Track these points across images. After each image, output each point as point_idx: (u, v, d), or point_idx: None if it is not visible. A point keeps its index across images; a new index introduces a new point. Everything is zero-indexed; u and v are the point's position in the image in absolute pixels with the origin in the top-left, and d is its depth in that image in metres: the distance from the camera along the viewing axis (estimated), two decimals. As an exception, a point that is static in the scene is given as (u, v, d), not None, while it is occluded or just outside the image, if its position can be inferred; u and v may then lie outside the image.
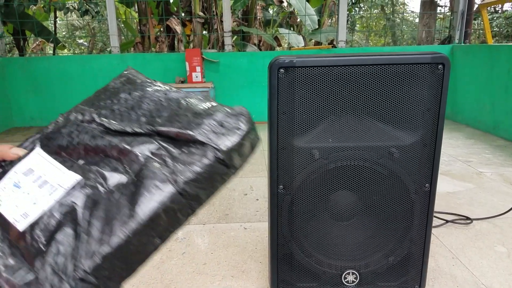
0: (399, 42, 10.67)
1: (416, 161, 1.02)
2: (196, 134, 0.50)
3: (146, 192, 0.45)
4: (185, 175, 0.47)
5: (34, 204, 0.48)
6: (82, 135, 0.54)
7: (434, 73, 0.97)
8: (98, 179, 0.49)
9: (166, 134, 0.51)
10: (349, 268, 1.11)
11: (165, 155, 0.49)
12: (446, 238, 1.58)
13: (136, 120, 0.55)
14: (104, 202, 0.46)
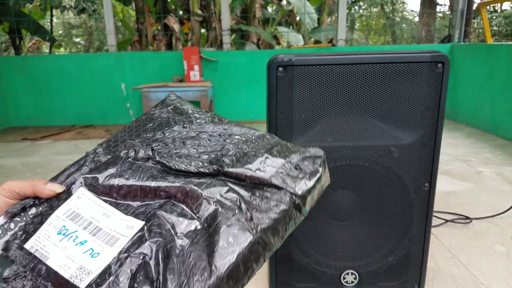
0: (398, 41, 10.66)
1: (416, 160, 1.01)
2: (271, 177, 0.46)
3: (224, 241, 0.41)
4: (263, 222, 0.43)
5: (91, 256, 0.41)
6: (138, 175, 0.48)
7: (434, 72, 0.96)
8: (165, 226, 0.43)
9: (235, 176, 0.46)
10: (348, 268, 1.10)
11: (238, 199, 0.44)
12: (445, 237, 1.58)
13: (197, 157, 0.49)
14: (176, 253, 0.40)
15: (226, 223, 0.42)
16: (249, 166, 0.47)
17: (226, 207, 0.43)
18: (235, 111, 4.27)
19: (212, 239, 0.41)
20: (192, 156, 0.50)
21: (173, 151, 0.51)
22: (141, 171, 0.48)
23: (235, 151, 0.50)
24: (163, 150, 0.51)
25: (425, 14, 5.84)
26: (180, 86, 3.76)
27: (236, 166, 0.47)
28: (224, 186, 0.45)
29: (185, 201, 0.45)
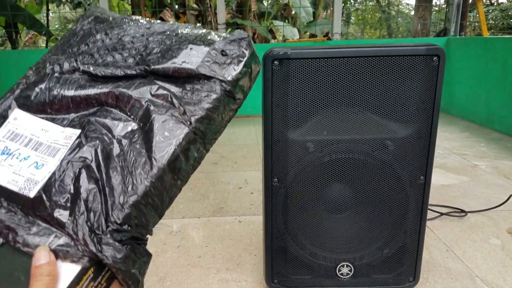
0: (394, 34, 10.65)
1: (411, 153, 1.02)
2: (198, 68, 0.46)
3: (160, 136, 0.42)
4: (197, 114, 0.44)
5: (36, 168, 0.43)
6: (66, 87, 0.48)
7: (429, 65, 0.97)
8: (101, 130, 0.44)
9: (162, 72, 0.47)
10: (344, 260, 1.11)
11: (169, 95, 0.45)
12: (440, 230, 1.59)
13: (124, 62, 0.49)
14: (117, 153, 0.43)
15: (160, 119, 0.43)
16: (175, 60, 0.47)
17: (158, 104, 0.44)
18: (231, 105, 4.25)
19: (148, 136, 0.43)
20: (118, 61, 0.50)
21: (99, 60, 0.50)
22: (69, 83, 0.48)
23: (159, 48, 0.50)
24: (89, 60, 0.51)
25: (421, 8, 5.83)
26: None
27: (162, 62, 0.47)
28: (154, 85, 0.46)
29: (118, 105, 0.46)
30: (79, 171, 0.42)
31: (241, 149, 2.93)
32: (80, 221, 0.39)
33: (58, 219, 0.39)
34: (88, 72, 0.49)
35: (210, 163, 2.52)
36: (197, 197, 1.98)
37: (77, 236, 0.38)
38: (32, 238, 0.39)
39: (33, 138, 0.46)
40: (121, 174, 0.41)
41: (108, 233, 0.39)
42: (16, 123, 0.47)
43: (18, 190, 0.42)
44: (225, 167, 2.48)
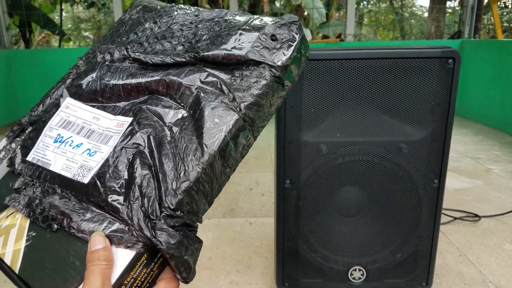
0: (407, 36, 10.57)
1: (425, 156, 1.00)
2: (248, 53, 0.45)
3: (210, 123, 0.42)
4: (246, 100, 0.44)
5: (89, 155, 0.44)
6: (117, 75, 0.49)
7: (444, 68, 0.95)
8: (152, 118, 0.45)
9: (212, 59, 0.46)
10: (356, 264, 1.10)
11: (218, 82, 0.45)
12: (453, 235, 1.56)
13: (173, 50, 0.49)
14: (168, 140, 0.43)
15: (210, 106, 0.43)
16: (225, 46, 0.46)
17: (207, 91, 0.44)
18: (242, 106, 4.27)
19: (199, 123, 0.43)
20: (168, 49, 0.50)
21: (148, 48, 0.51)
22: (120, 71, 0.49)
23: (208, 34, 0.49)
24: (138, 49, 0.51)
25: (434, 10, 5.77)
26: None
27: (212, 49, 0.47)
28: (203, 72, 0.46)
29: (168, 93, 0.46)
30: (132, 157, 0.42)
31: (252, 150, 2.93)
32: (134, 207, 0.39)
33: (112, 204, 0.40)
34: (139, 60, 0.49)
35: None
36: (208, 198, 1.99)
37: (132, 221, 0.39)
38: (86, 224, 0.40)
39: (85, 126, 0.47)
40: (173, 160, 0.41)
41: (162, 218, 0.39)
42: (68, 111, 0.48)
43: (72, 177, 0.43)
44: (236, 168, 2.48)
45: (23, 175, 0.45)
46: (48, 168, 0.44)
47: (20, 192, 0.44)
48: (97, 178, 0.41)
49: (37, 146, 0.46)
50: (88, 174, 0.42)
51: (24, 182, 0.45)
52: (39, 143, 0.47)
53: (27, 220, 0.42)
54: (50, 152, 0.46)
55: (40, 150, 0.46)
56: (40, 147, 0.46)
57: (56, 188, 0.43)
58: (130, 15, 0.57)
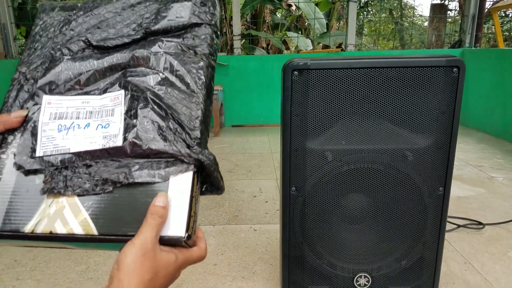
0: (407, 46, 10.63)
1: (430, 164, 1.02)
2: (190, 19, 0.56)
3: (189, 74, 0.53)
4: (205, 51, 0.55)
5: (104, 128, 0.50)
6: (86, 63, 0.54)
7: (449, 77, 0.97)
8: (141, 85, 0.52)
9: (162, 30, 0.56)
10: (361, 271, 1.10)
11: (177, 44, 0.55)
12: (458, 242, 1.57)
13: (123, 32, 0.57)
14: (165, 96, 0.51)
15: (182, 63, 0.54)
16: (169, 18, 0.56)
17: (172, 53, 0.54)
18: (244, 114, 4.29)
19: (180, 77, 0.53)
20: (119, 33, 0.57)
21: (99, 36, 0.57)
22: (87, 59, 0.55)
23: (149, 13, 0.58)
24: (92, 37, 0.56)
25: (435, 19, 5.82)
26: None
27: (159, 22, 0.56)
28: (160, 41, 0.55)
29: (140, 64, 0.54)
30: (149, 113, 0.50)
31: (255, 157, 2.94)
32: (176, 143, 0.48)
33: (156, 149, 0.47)
34: (100, 46, 0.55)
35: (225, 171, 2.54)
36: (212, 205, 1.99)
37: (180, 152, 0.47)
38: (139, 173, 0.47)
39: (80, 111, 0.51)
40: (179, 107, 0.50)
41: (196, 145, 0.49)
42: (52, 106, 0.52)
43: (102, 147, 0.48)
44: (240, 176, 2.49)
45: (43, 169, 0.48)
46: (70, 151, 0.49)
47: (50, 181, 0.48)
48: (129, 138, 0.48)
49: (41, 142, 0.50)
50: (117, 138, 0.49)
51: (49, 172, 0.48)
52: (40, 139, 0.50)
53: (74, 197, 0.47)
54: (61, 140, 0.49)
55: (46, 143, 0.50)
56: (45, 141, 0.50)
57: (88, 162, 0.48)
58: (49, 18, 0.60)
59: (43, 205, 0.47)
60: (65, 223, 0.46)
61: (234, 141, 3.58)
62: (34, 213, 0.47)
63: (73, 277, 1.39)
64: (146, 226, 0.44)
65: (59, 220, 0.46)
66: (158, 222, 0.44)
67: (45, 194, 0.47)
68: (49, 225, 0.46)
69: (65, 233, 0.46)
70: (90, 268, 1.44)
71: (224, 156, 2.99)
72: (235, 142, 3.51)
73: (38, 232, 0.46)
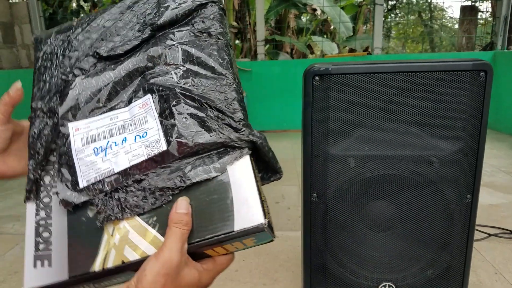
0: (437, 48, 10.38)
1: (457, 171, 0.98)
2: (194, 2, 0.53)
3: (211, 58, 0.50)
4: (218, 29, 0.52)
5: (142, 137, 0.47)
6: (102, 77, 0.51)
7: (476, 81, 0.94)
8: (165, 84, 0.49)
9: (168, 22, 0.53)
10: (385, 280, 1.07)
11: (187, 31, 0.52)
12: (488, 252, 1.51)
13: (130, 35, 0.53)
14: (193, 87, 0.49)
15: (200, 49, 0.51)
16: (172, 8, 0.53)
17: (187, 42, 0.51)
18: (267, 119, 4.29)
19: (202, 64, 0.50)
20: (126, 37, 0.53)
21: (106, 47, 0.53)
22: (102, 73, 0.51)
23: (150, 9, 0.54)
24: (100, 50, 0.53)
25: (465, 21, 5.66)
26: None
27: (163, 15, 0.52)
28: (170, 33, 0.52)
29: (156, 63, 0.51)
30: (184, 109, 0.47)
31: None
32: (224, 130, 0.46)
33: (203, 143, 0.45)
34: (110, 56, 0.52)
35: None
36: (235, 211, 1.99)
37: (230, 138, 0.45)
38: (194, 172, 0.44)
39: (112, 128, 0.49)
40: (212, 93, 0.48)
41: (243, 127, 0.46)
42: (81, 131, 0.49)
43: (147, 157, 0.46)
44: (263, 182, 2.48)
45: (92, 198, 0.45)
46: (115, 172, 0.46)
47: (104, 210, 0.45)
48: (172, 139, 0.45)
49: (81, 171, 0.47)
50: (160, 143, 0.46)
51: (100, 200, 0.45)
52: (79, 168, 0.47)
53: (135, 217, 0.44)
54: (101, 163, 0.46)
55: (87, 171, 0.46)
56: (85, 170, 0.47)
57: (138, 177, 0.45)
58: (48, 47, 0.56)
59: (105, 237, 0.44)
60: (135, 248, 0.43)
61: (258, 146, 3.57)
62: (98, 248, 0.44)
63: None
64: (170, 238, 0.41)
65: (127, 247, 0.43)
66: (184, 231, 0.41)
67: (103, 224, 0.44)
68: (119, 255, 0.43)
69: (138, 258, 0.43)
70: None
71: (248, 161, 2.99)
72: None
73: (110, 266, 0.43)
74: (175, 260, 0.40)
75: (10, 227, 2.17)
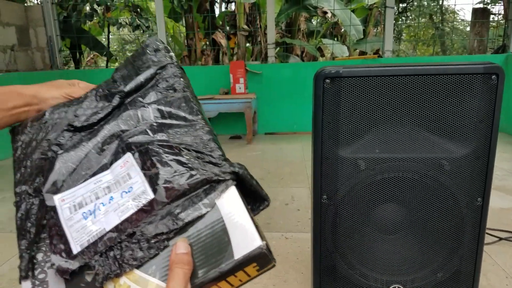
0: (448, 51, 10.29)
1: (468, 174, 0.98)
2: (154, 67, 0.59)
3: (181, 109, 0.55)
4: (182, 85, 0.58)
5: (128, 192, 0.49)
6: (80, 148, 0.54)
7: (487, 84, 0.94)
8: (143, 141, 0.52)
9: (135, 87, 0.58)
10: (395, 282, 1.08)
11: (155, 93, 0.57)
12: (499, 256, 1.50)
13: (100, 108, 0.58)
14: (169, 138, 0.52)
15: (169, 105, 0.56)
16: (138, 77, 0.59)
17: (156, 101, 0.56)
18: (277, 122, 4.30)
19: (174, 117, 0.55)
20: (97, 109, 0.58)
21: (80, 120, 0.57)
22: (80, 144, 0.55)
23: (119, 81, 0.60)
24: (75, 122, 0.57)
25: (477, 24, 5.61)
26: (225, 98, 3.85)
27: (130, 83, 0.58)
28: (139, 97, 0.57)
29: (131, 125, 0.55)
30: (165, 157, 0.49)
31: (288, 165, 2.94)
32: (205, 167, 0.48)
33: (189, 183, 0.47)
34: (86, 126, 0.56)
35: (257, 179, 2.55)
36: (244, 213, 2.00)
37: (214, 173, 0.48)
38: (185, 213, 0.46)
39: (97, 191, 0.50)
40: (188, 139, 0.52)
41: (224, 161, 0.50)
42: (67, 201, 0.50)
43: (137, 209, 0.47)
44: (272, 183, 2.49)
45: (88, 261, 0.46)
46: (107, 231, 0.46)
47: (102, 270, 0.45)
48: (158, 186, 0.47)
49: (72, 238, 0.47)
50: (147, 193, 0.48)
51: (97, 262, 0.45)
52: (71, 235, 0.48)
53: (133, 271, 0.44)
54: (92, 225, 0.47)
55: (78, 236, 0.47)
56: (76, 236, 0.47)
57: (130, 230, 0.46)
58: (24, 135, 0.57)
59: None
60: None
61: (267, 148, 3.59)
62: None
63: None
64: (173, 280, 0.41)
65: None
66: (186, 270, 0.41)
67: (102, 284, 0.44)
68: None
69: None
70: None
71: (256, 164, 3.00)
72: (268, 150, 3.52)
73: None
74: None
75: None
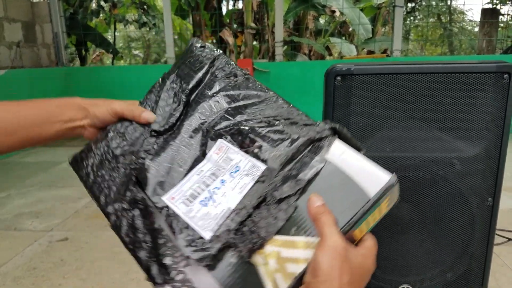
0: (456, 51, 10.22)
1: (479, 173, 0.98)
2: (207, 59, 0.62)
3: (249, 89, 0.59)
4: (239, 69, 0.62)
5: (237, 172, 0.49)
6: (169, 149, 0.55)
7: (499, 83, 0.93)
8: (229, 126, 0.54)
9: (195, 85, 0.61)
10: (404, 283, 1.07)
11: (217, 83, 0.60)
12: (508, 256, 1.49)
13: (167, 110, 0.61)
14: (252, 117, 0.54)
15: (236, 89, 0.58)
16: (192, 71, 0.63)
17: (222, 89, 0.59)
18: (285, 121, 4.29)
19: (246, 97, 0.58)
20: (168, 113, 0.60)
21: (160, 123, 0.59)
22: (166, 146, 0.56)
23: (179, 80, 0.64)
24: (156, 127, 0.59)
25: (486, 24, 5.57)
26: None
27: (191, 81, 0.62)
28: (205, 90, 0.60)
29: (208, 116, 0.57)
30: (260, 131, 0.51)
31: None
32: (303, 131, 0.50)
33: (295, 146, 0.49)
34: (167, 129, 0.58)
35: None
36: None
37: (314, 132, 0.49)
38: (304, 173, 0.47)
39: (204, 180, 0.51)
40: (270, 111, 0.54)
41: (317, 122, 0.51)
42: (177, 198, 0.51)
43: (254, 182, 0.48)
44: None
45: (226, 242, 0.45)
46: (232, 209, 0.46)
47: (243, 245, 0.44)
48: (266, 157, 0.49)
49: (199, 227, 0.47)
50: (257, 166, 0.49)
51: (234, 239, 0.45)
52: (196, 225, 0.47)
53: (274, 238, 0.44)
54: (214, 209, 0.47)
55: (205, 223, 0.47)
56: (201, 223, 0.47)
57: (255, 201, 0.46)
58: (93, 158, 0.59)
59: (261, 269, 0.43)
60: (296, 260, 0.42)
61: (275, 147, 3.57)
62: (263, 284, 0.42)
63: (117, 277, 1.45)
64: (324, 226, 0.41)
65: (288, 264, 0.42)
66: (333, 217, 0.42)
67: (249, 259, 0.43)
68: (286, 275, 0.42)
69: (305, 266, 0.42)
70: (132, 270, 1.50)
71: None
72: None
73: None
74: (339, 241, 0.40)
75: (29, 224, 2.23)
